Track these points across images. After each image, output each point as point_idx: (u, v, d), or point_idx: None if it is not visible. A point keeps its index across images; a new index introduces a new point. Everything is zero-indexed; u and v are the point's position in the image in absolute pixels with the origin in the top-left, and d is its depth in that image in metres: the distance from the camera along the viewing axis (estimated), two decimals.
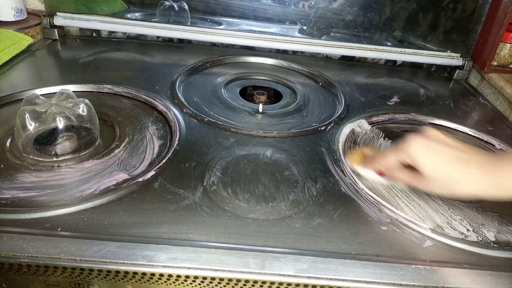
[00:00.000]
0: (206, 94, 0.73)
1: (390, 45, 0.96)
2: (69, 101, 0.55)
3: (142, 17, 0.96)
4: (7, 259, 0.37)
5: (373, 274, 0.39)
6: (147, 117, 0.63)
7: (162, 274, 0.38)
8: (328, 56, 1.00)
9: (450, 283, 0.39)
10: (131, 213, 0.43)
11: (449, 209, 0.49)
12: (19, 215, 0.41)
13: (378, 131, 0.66)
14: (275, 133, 0.61)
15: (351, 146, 0.61)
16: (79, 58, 0.82)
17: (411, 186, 0.48)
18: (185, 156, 0.53)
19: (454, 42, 0.96)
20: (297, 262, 0.39)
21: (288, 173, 0.52)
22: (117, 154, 0.53)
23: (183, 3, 0.93)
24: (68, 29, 0.96)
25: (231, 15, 0.94)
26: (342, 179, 0.52)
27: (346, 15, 0.94)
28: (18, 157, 0.51)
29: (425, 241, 0.44)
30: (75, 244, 0.38)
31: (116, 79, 0.72)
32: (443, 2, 0.92)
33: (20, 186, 0.46)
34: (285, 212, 0.45)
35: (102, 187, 0.46)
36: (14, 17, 0.89)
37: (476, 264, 0.42)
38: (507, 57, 0.91)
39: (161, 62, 0.86)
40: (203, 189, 0.47)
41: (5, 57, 0.76)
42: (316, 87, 0.83)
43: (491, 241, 0.45)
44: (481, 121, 0.76)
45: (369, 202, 0.48)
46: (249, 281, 0.38)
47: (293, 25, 0.95)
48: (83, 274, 0.38)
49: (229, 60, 0.90)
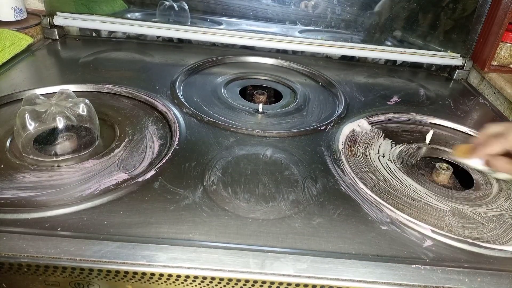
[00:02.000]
0: (206, 94, 0.73)
1: (390, 45, 0.96)
2: (69, 101, 0.55)
3: (142, 17, 0.96)
4: (7, 259, 0.37)
5: (373, 274, 0.39)
6: (147, 117, 0.63)
7: (162, 274, 0.38)
8: (328, 56, 1.00)
9: (450, 283, 0.39)
10: (131, 213, 0.43)
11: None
12: (19, 215, 0.41)
13: (378, 130, 0.66)
14: (275, 133, 0.61)
15: (351, 146, 0.61)
16: (79, 58, 0.82)
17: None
18: (185, 156, 0.53)
19: (454, 42, 0.96)
20: (297, 262, 0.39)
21: (288, 172, 0.52)
22: (117, 154, 0.53)
23: (183, 3, 0.93)
24: (68, 29, 0.96)
25: (231, 15, 0.94)
26: (342, 178, 0.52)
27: (346, 15, 0.94)
28: (18, 157, 0.51)
29: (425, 241, 0.44)
30: (75, 244, 0.38)
31: (116, 79, 0.72)
32: (443, 2, 0.92)
33: (20, 186, 0.46)
34: (285, 212, 0.45)
35: (102, 187, 0.46)
36: (14, 17, 0.89)
37: (476, 264, 0.42)
38: (507, 57, 0.91)
39: (161, 62, 0.86)
40: (203, 189, 0.47)
41: (5, 57, 0.76)
42: (316, 87, 0.83)
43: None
44: (481, 121, 0.76)
45: (369, 202, 0.48)
46: (249, 281, 0.38)
47: (293, 25, 0.95)
48: (83, 274, 0.38)
49: (229, 60, 0.90)
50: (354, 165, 0.56)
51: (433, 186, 0.54)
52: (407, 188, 0.53)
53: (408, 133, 0.67)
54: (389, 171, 0.56)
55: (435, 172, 0.57)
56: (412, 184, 0.54)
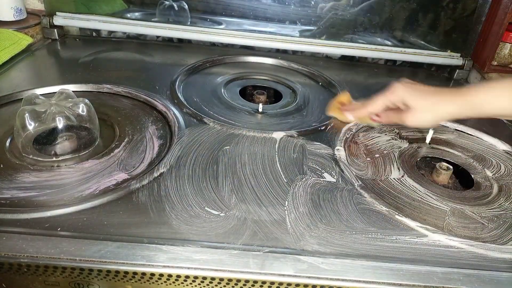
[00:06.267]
0: (206, 94, 0.73)
1: (390, 45, 0.96)
2: (69, 101, 0.55)
3: (141, 17, 0.96)
4: (6, 259, 0.37)
5: (373, 274, 0.39)
6: (147, 117, 0.63)
7: (162, 274, 0.38)
8: (328, 56, 1.00)
9: (450, 283, 0.39)
10: (131, 213, 0.43)
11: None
12: (18, 215, 0.41)
13: (378, 130, 0.66)
14: (275, 133, 0.61)
15: (351, 146, 0.61)
16: (79, 58, 0.82)
17: (400, 124, 0.55)
18: (184, 156, 0.53)
19: (454, 41, 0.96)
20: (297, 262, 0.39)
21: (288, 172, 0.52)
22: (116, 154, 0.53)
23: (182, 3, 0.93)
24: (67, 29, 0.96)
25: (231, 14, 0.94)
26: (342, 178, 0.52)
27: (346, 14, 0.93)
28: (17, 157, 0.50)
29: (425, 241, 0.44)
30: (75, 244, 0.38)
31: (115, 79, 0.72)
32: (443, 2, 0.92)
33: (19, 186, 0.46)
34: (285, 212, 0.45)
35: (101, 187, 0.46)
36: (14, 17, 0.89)
37: (476, 264, 0.42)
38: (507, 57, 0.91)
39: (161, 62, 0.86)
40: (203, 189, 0.47)
41: (5, 57, 0.76)
42: (316, 87, 0.83)
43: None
44: (481, 121, 0.76)
45: (368, 201, 0.48)
46: (249, 281, 0.38)
47: (293, 25, 0.95)
48: (82, 274, 0.38)
49: (229, 60, 0.90)
50: (354, 165, 0.56)
51: (433, 186, 0.54)
52: (407, 188, 0.53)
53: (408, 133, 0.67)
54: (389, 171, 0.56)
55: (435, 172, 0.57)
56: (412, 184, 0.54)
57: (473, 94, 0.50)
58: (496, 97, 0.48)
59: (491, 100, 0.49)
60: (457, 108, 0.50)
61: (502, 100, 0.48)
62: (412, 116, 0.53)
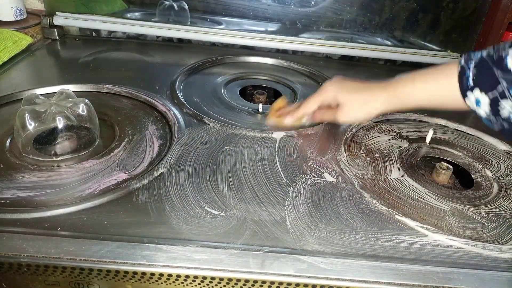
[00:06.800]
0: (206, 94, 0.73)
1: (390, 45, 0.96)
2: (69, 101, 0.55)
3: (141, 17, 0.96)
4: (7, 259, 0.37)
5: (373, 274, 0.39)
6: (147, 117, 0.63)
7: (162, 274, 0.38)
8: (328, 56, 1.00)
9: (450, 283, 0.39)
10: (131, 213, 0.43)
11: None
12: (18, 214, 0.41)
13: (378, 130, 0.66)
14: (275, 133, 0.61)
15: (351, 146, 0.61)
16: (79, 58, 0.82)
17: (334, 121, 0.57)
18: (184, 156, 0.53)
19: (454, 41, 0.96)
20: (297, 262, 0.39)
21: (288, 172, 0.52)
22: (116, 154, 0.53)
23: (183, 3, 0.93)
24: (67, 29, 0.96)
25: (231, 14, 0.94)
26: (342, 178, 0.52)
27: (346, 14, 0.93)
28: (17, 157, 0.50)
29: (425, 241, 0.44)
30: (75, 244, 0.38)
31: (115, 79, 0.72)
32: (443, 2, 0.92)
33: (19, 186, 0.46)
34: (285, 212, 0.45)
35: (101, 187, 0.46)
36: (14, 17, 0.89)
37: (476, 264, 0.42)
38: None
39: (161, 62, 0.86)
40: (203, 188, 0.47)
41: (5, 57, 0.76)
42: (316, 87, 0.83)
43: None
44: (481, 121, 0.76)
45: (368, 201, 0.48)
46: (249, 280, 0.38)
47: (293, 25, 0.95)
48: (82, 274, 0.38)
49: (229, 60, 0.90)
50: (354, 165, 0.56)
51: (433, 186, 0.54)
52: (407, 188, 0.53)
53: (408, 133, 0.67)
54: (389, 171, 0.56)
55: (435, 172, 0.57)
56: (412, 184, 0.54)
57: (400, 86, 0.50)
58: (420, 88, 0.49)
59: (416, 92, 0.49)
60: (385, 102, 0.52)
61: (426, 91, 0.49)
62: (342, 113, 0.54)
